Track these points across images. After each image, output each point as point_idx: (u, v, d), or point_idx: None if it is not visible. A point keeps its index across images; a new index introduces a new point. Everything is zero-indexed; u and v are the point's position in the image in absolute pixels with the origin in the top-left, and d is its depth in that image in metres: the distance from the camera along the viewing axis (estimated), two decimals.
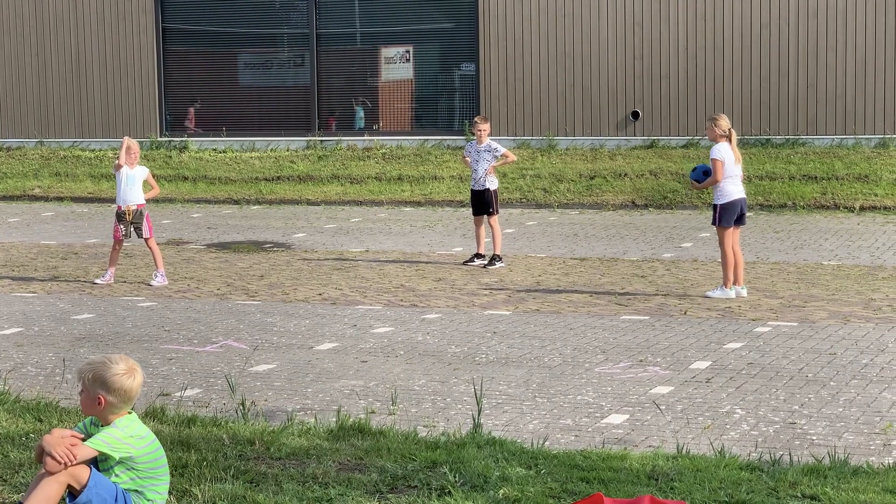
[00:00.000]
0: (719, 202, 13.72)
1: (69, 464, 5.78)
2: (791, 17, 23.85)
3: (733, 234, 13.76)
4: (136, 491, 6.00)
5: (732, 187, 13.74)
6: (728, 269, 13.60)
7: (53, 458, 5.78)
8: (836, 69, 23.65)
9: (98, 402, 5.95)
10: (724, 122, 13.85)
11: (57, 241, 18.99)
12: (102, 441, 5.89)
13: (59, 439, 5.84)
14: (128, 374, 5.97)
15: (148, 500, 6.03)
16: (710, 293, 13.71)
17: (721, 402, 9.23)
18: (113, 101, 27.35)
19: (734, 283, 13.68)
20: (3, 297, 14.16)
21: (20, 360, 10.90)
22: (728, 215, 13.67)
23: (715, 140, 13.84)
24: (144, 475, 6.02)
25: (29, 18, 27.73)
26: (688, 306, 13.16)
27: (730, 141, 13.79)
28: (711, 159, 13.73)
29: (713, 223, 13.90)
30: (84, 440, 5.95)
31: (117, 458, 5.92)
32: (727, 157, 13.67)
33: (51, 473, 5.81)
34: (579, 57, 24.81)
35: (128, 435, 5.94)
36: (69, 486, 5.86)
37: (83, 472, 5.85)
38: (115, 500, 5.91)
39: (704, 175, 13.84)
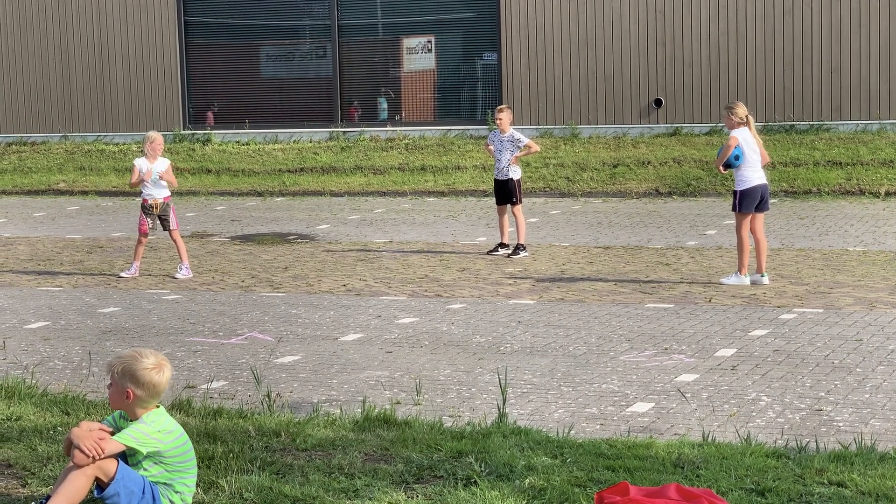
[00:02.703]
0: (739, 188, 13.69)
1: (97, 457, 5.82)
2: (814, 2, 23.74)
3: (756, 221, 13.73)
4: (165, 484, 6.05)
5: (753, 173, 13.70)
6: (744, 256, 13.58)
7: (81, 451, 5.82)
8: (859, 54, 23.53)
9: (126, 395, 5.99)
10: (741, 110, 13.82)
11: (82, 235, 19.06)
12: (130, 436, 5.93)
13: (88, 433, 5.89)
14: (156, 368, 6.00)
15: (177, 492, 6.07)
16: (724, 280, 13.69)
17: (747, 390, 9.21)
18: (136, 95, 27.43)
19: (757, 271, 13.65)
20: (30, 292, 14.23)
21: (47, 353, 10.95)
22: (748, 201, 13.64)
23: (732, 128, 13.84)
24: (173, 469, 6.06)
25: (52, 13, 27.83)
26: (712, 294, 13.13)
27: (748, 127, 13.77)
28: (730, 136, 13.74)
29: (733, 209, 13.87)
30: (112, 434, 5.99)
31: (145, 453, 5.96)
32: (746, 139, 13.66)
33: (79, 466, 5.85)
34: (601, 45, 24.76)
35: (155, 430, 5.97)
36: (97, 479, 5.92)
37: (111, 466, 5.90)
38: (143, 492, 5.95)
39: (735, 160, 13.76)
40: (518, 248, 16.10)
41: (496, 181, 16.63)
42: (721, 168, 13.92)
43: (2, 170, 26.48)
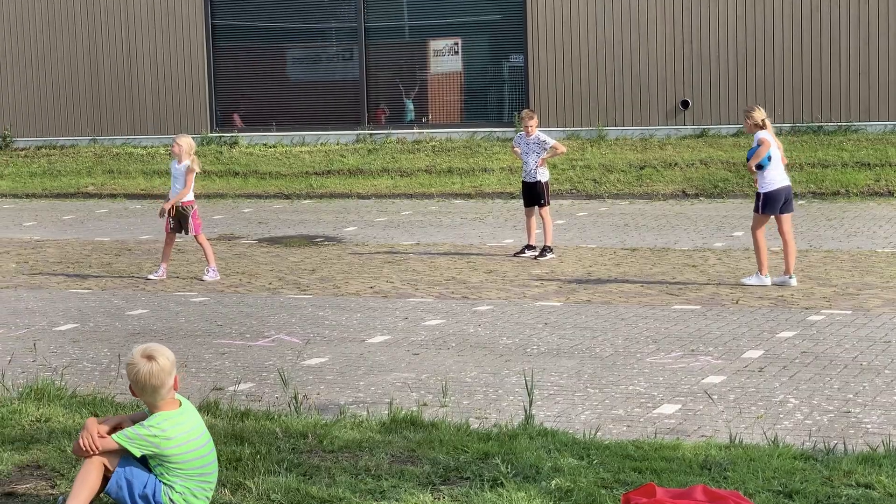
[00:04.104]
0: (763, 190, 13.68)
1: (91, 451, 6.08)
2: (842, 2, 23.65)
3: (784, 222, 13.71)
4: (168, 485, 6.14)
5: (777, 175, 13.70)
6: (762, 255, 13.61)
7: (78, 442, 6.12)
8: (888, 54, 23.42)
9: (131, 391, 6.21)
10: (758, 113, 13.86)
11: (110, 238, 19.15)
12: (125, 436, 6.12)
13: (91, 427, 6.15)
14: (133, 364, 6.13)
15: (177, 493, 6.13)
16: (745, 280, 13.71)
17: (774, 392, 9.19)
18: (164, 98, 27.54)
19: (784, 272, 13.62)
20: (59, 294, 14.31)
21: (76, 355, 11.01)
22: (772, 204, 13.63)
23: (752, 132, 13.86)
24: (173, 471, 6.17)
25: (81, 17, 27.98)
26: (740, 295, 13.10)
27: (768, 130, 13.79)
28: (758, 139, 13.72)
29: (755, 210, 13.83)
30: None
31: (138, 455, 6.08)
32: (772, 141, 13.67)
33: (78, 455, 6.21)
34: (628, 47, 24.72)
35: (152, 434, 6.08)
36: (106, 470, 6.15)
37: (114, 459, 6.13)
38: (144, 487, 6.11)
39: (767, 160, 13.74)
40: (545, 249, 16.09)
41: (524, 183, 16.63)
42: (753, 168, 13.87)
43: (31, 173, 26.63)
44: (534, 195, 16.43)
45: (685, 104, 24.49)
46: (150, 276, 15.21)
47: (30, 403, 8.47)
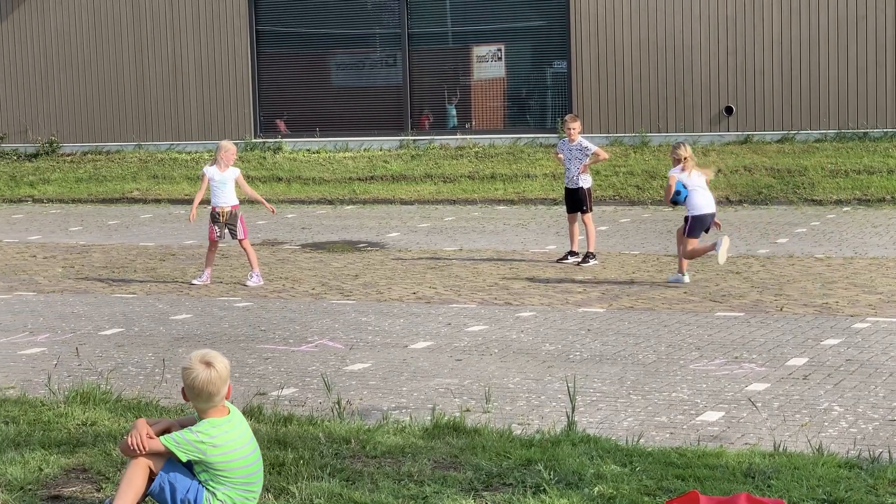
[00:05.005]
0: (693, 213, 14.53)
1: (138, 450, 6.12)
2: (888, 8, 23.49)
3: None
4: (210, 492, 6.16)
5: (703, 201, 14.59)
6: (683, 262, 14.55)
7: (127, 440, 6.15)
8: None
9: (183, 395, 6.22)
10: (682, 150, 14.63)
11: (155, 243, 19.27)
12: (173, 440, 6.15)
13: (141, 427, 6.18)
14: (191, 369, 6.14)
15: (218, 500, 6.16)
16: (669, 277, 14.67)
17: (819, 400, 9.13)
18: (208, 104, 27.71)
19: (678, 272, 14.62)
20: (104, 299, 14.41)
21: (121, 360, 11.09)
22: (699, 227, 14.56)
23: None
24: (217, 479, 6.19)
25: (127, 24, 28.18)
26: (784, 302, 13.03)
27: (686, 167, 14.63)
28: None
29: (684, 233, 14.62)
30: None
31: (184, 459, 6.10)
32: (677, 176, 14.59)
33: (125, 454, 6.23)
34: (671, 53, 24.66)
35: (199, 440, 6.10)
36: (151, 472, 6.20)
37: (159, 462, 6.17)
38: (187, 492, 6.14)
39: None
40: (588, 256, 16.07)
41: (567, 189, 16.62)
42: (671, 203, 14.96)
43: (77, 178, 26.84)
44: (576, 201, 16.42)
45: (729, 110, 24.39)
46: (194, 282, 15.29)
47: (76, 407, 8.54)
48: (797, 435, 8.22)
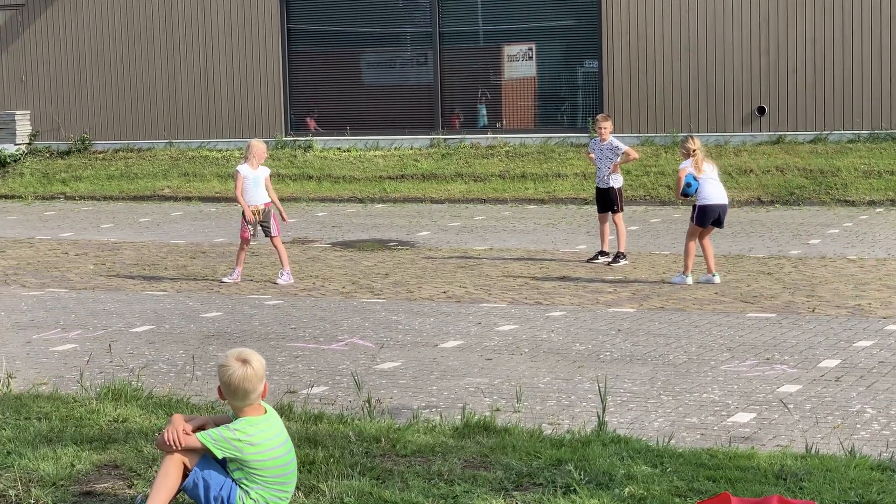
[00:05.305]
0: (700, 203, 14.51)
1: (174, 446, 6.12)
2: None
3: (709, 231, 14.64)
4: (244, 490, 6.17)
5: (714, 191, 14.56)
6: (689, 259, 14.47)
7: (164, 436, 6.16)
8: None
9: (219, 393, 6.23)
10: (691, 143, 14.74)
11: (185, 241, 19.34)
12: (209, 437, 6.14)
13: (178, 423, 6.20)
14: (227, 367, 6.13)
15: (251, 499, 6.16)
16: (672, 279, 14.59)
17: (851, 401, 9.09)
18: (239, 102, 27.78)
19: (707, 272, 14.51)
20: (135, 296, 14.47)
21: (152, 357, 11.13)
22: (706, 216, 14.48)
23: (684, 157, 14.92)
24: (251, 477, 6.19)
25: (159, 23, 28.29)
26: (816, 304, 12.97)
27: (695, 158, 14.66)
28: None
29: (691, 220, 14.61)
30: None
31: (220, 457, 6.09)
32: (689, 169, 14.57)
33: (160, 449, 6.24)
34: (703, 52, 24.57)
35: (237, 438, 6.09)
36: (185, 469, 6.20)
37: (193, 458, 6.17)
38: (221, 489, 6.13)
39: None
40: (618, 256, 16.04)
41: (598, 189, 16.59)
42: (681, 197, 14.88)
43: (109, 176, 26.96)
44: (607, 201, 16.38)
45: (761, 110, 24.30)
46: (225, 279, 15.33)
47: (107, 403, 8.58)
48: (829, 437, 8.18)
